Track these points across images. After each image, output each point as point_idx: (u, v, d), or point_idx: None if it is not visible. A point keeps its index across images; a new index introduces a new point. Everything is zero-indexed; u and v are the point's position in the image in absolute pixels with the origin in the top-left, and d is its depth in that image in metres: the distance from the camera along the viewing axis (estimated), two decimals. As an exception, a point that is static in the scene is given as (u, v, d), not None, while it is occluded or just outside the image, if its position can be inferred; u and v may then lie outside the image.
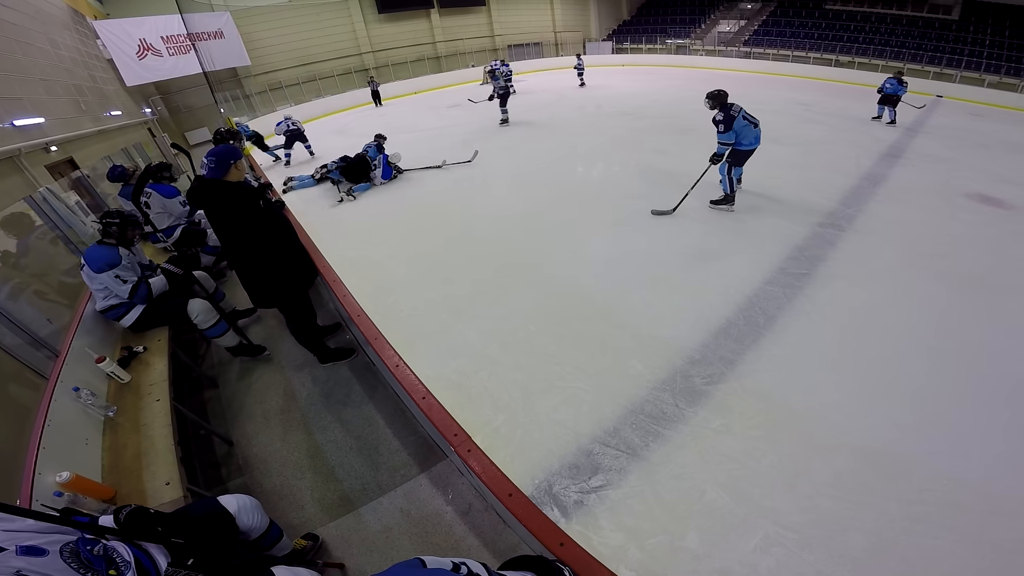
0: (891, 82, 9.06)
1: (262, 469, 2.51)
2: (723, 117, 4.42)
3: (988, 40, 15.59)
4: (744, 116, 4.46)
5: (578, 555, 1.30)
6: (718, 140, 4.54)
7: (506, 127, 9.69)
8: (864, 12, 18.54)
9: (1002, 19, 15.83)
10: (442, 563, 1.11)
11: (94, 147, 7.53)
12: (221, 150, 2.41)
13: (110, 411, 2.27)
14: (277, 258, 2.63)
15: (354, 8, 17.06)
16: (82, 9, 10.70)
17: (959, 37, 16.16)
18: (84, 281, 2.77)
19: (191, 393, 3.05)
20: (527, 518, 1.39)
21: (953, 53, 15.63)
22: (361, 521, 2.17)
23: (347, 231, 5.13)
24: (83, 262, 2.70)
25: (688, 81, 15.00)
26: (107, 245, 2.74)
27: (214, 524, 1.59)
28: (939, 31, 16.69)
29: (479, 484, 1.70)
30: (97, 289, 2.73)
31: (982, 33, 15.91)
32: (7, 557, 1.10)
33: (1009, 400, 2.54)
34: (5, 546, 1.12)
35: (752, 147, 4.54)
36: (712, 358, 2.85)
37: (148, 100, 13.24)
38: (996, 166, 6.49)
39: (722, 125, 4.44)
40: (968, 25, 16.39)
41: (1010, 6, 15.74)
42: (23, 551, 1.14)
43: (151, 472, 1.96)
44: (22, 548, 1.15)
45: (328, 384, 3.03)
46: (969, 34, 16.08)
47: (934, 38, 16.53)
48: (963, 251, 4.05)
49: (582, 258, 4.12)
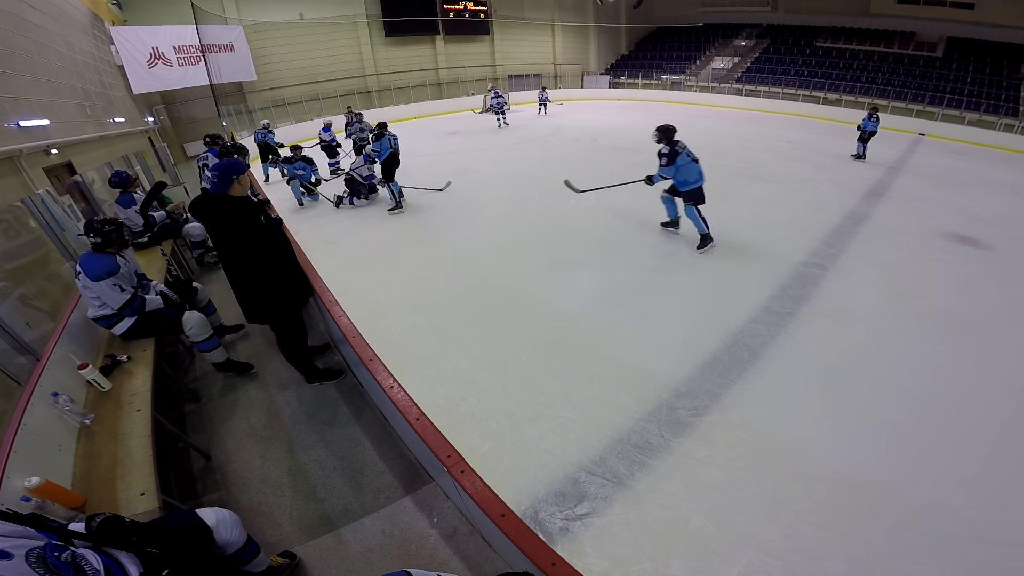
0: (864, 120, 9.46)
1: (240, 485, 2.45)
2: (668, 151, 4.66)
3: (969, 78, 16.08)
4: (687, 153, 4.68)
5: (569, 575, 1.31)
6: (658, 171, 4.78)
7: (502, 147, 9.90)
8: (852, 50, 19.33)
9: (983, 57, 16.51)
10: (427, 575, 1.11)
11: (94, 152, 7.56)
12: (225, 164, 2.44)
13: (87, 419, 2.22)
14: (274, 275, 2.63)
15: (362, 30, 17.56)
16: (102, 14, 10.92)
17: (942, 75, 16.69)
18: (77, 287, 2.75)
19: (171, 406, 2.99)
20: (520, 538, 1.40)
21: (935, 91, 16.14)
22: (341, 542, 2.13)
23: (338, 254, 5.19)
24: (79, 269, 2.67)
25: (682, 117, 15.53)
26: (104, 254, 2.73)
27: (191, 536, 1.56)
28: (923, 68, 17.24)
29: (470, 505, 1.69)
30: (91, 297, 2.70)
31: (964, 71, 16.45)
32: None
33: (986, 433, 2.63)
34: None
35: (699, 183, 4.75)
36: (697, 391, 2.91)
37: (152, 109, 13.35)
38: (975, 205, 6.77)
39: (665, 159, 4.66)
40: (951, 63, 16.99)
41: (991, 43, 16.50)
42: None
43: (126, 482, 1.92)
44: None
45: (314, 404, 3.00)
46: (952, 71, 16.64)
47: (918, 75, 17.08)
48: (940, 291, 4.20)
49: (572, 289, 4.20)
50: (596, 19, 23.95)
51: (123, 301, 2.73)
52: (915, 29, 18.27)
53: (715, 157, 9.37)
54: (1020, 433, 2.64)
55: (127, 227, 3.04)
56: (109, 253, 2.74)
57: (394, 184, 6.47)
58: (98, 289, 2.65)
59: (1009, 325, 3.72)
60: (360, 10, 17.24)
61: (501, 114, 14.28)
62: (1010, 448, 2.53)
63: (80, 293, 2.83)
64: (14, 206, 3.19)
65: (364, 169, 6.63)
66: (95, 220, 2.79)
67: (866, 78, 17.85)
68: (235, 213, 2.42)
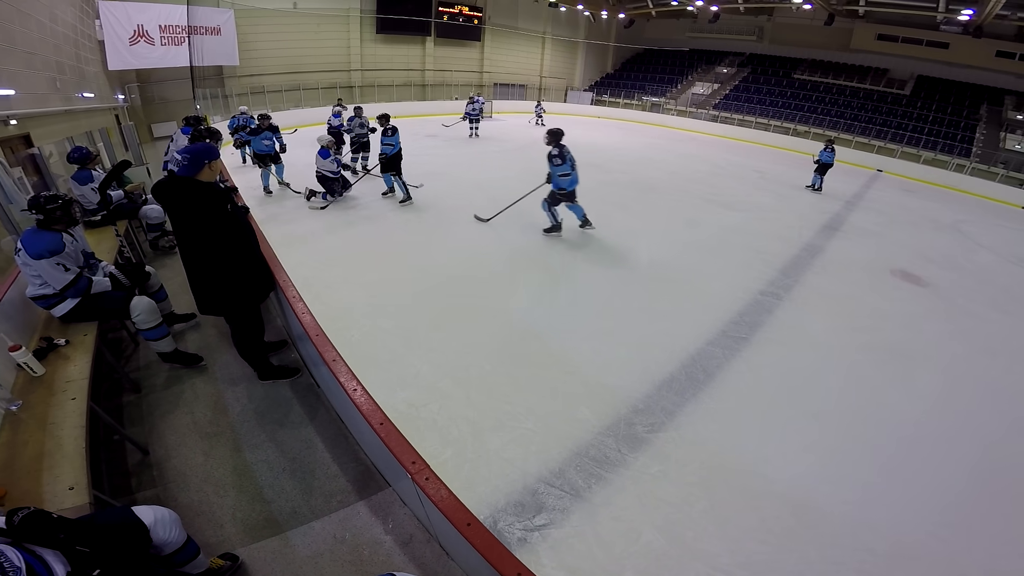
0: (823, 152, 10.00)
1: (180, 483, 2.33)
2: (558, 152, 5.26)
3: (931, 116, 16.83)
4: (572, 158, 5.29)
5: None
6: (556, 173, 5.33)
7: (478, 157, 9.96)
8: (827, 83, 20.14)
9: (947, 96, 17.48)
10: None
11: (55, 126, 7.18)
12: (197, 147, 2.35)
13: (13, 405, 2.07)
14: (236, 265, 2.54)
15: (354, 24, 17.30)
16: None
17: (906, 112, 17.39)
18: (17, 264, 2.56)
19: (108, 395, 2.81)
20: (485, 548, 1.39)
21: (898, 128, 16.96)
22: (288, 545, 2.05)
23: (302, 249, 5.06)
24: (19, 246, 2.49)
25: (660, 141, 16.03)
26: (49, 231, 2.56)
27: (125, 534, 1.49)
28: (890, 105, 17.94)
29: (432, 512, 1.67)
30: (32, 276, 2.52)
31: (927, 109, 17.23)
32: None
33: (915, 457, 2.82)
34: None
35: (569, 188, 5.39)
36: (654, 408, 2.99)
37: (124, 86, 12.74)
38: (920, 244, 7.26)
39: (557, 159, 5.26)
40: (916, 100, 17.74)
41: (957, 83, 17.55)
42: None
43: (53, 474, 1.80)
44: None
45: (265, 402, 2.89)
46: (916, 109, 17.36)
47: (884, 112, 17.72)
48: (884, 324, 4.46)
49: (539, 304, 4.24)
50: (587, 35, 24.49)
51: (66, 281, 2.57)
52: (889, 66, 19.24)
53: (688, 181, 9.75)
54: (946, 459, 2.83)
55: (78, 204, 2.87)
56: (54, 231, 2.58)
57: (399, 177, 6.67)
58: (39, 268, 2.48)
59: (946, 357, 4.00)
60: (355, 4, 17.01)
61: (475, 123, 13.35)
62: (936, 472, 2.71)
63: (19, 270, 2.64)
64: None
65: (330, 163, 6.46)
66: (40, 196, 2.61)
67: (835, 112, 18.67)
68: (201, 198, 2.33)
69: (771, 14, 21.23)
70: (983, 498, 2.58)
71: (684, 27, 24.37)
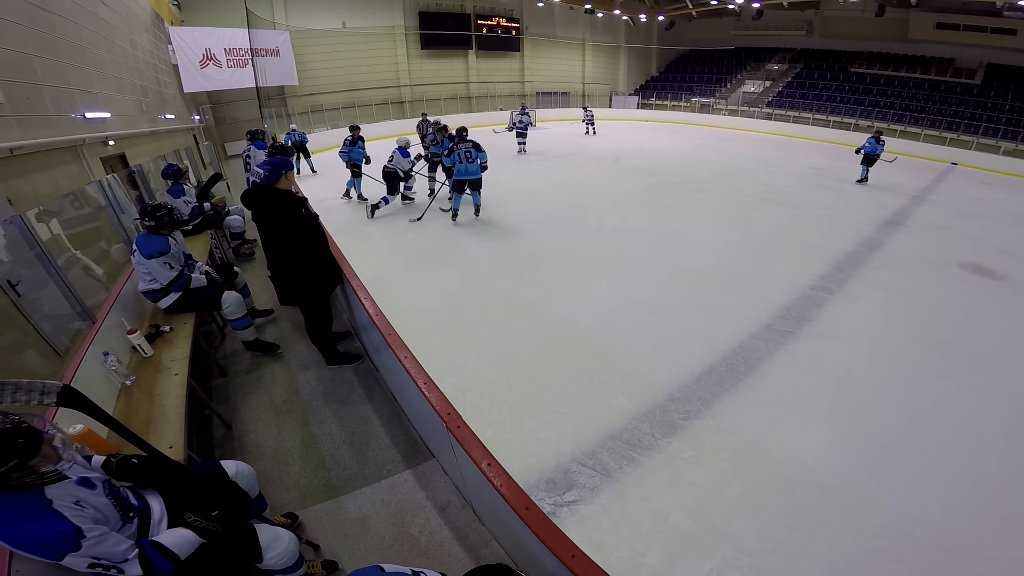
0: (870, 141, 9.41)
1: (255, 452, 2.67)
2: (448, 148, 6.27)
3: (1008, 105, 15.50)
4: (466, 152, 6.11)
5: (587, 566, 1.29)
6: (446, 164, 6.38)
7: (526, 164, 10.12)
8: (888, 76, 18.86)
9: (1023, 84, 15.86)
10: (401, 570, 1.20)
11: (145, 146, 8.09)
12: (276, 160, 2.78)
13: (128, 380, 2.48)
14: (310, 260, 2.94)
15: (399, 42, 18.30)
16: (164, 14, 11.74)
17: (979, 102, 16.14)
18: (132, 263, 3.07)
19: (201, 378, 3.26)
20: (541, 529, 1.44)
21: (972, 119, 15.61)
22: (341, 507, 2.31)
23: (366, 251, 5.49)
24: (134, 247, 3.00)
25: (710, 140, 15.61)
26: (158, 235, 3.05)
27: (211, 481, 1.77)
28: (960, 96, 16.71)
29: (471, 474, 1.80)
30: (143, 273, 3.02)
31: (1002, 98, 15.88)
32: (68, 486, 1.27)
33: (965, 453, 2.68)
34: (68, 475, 1.29)
35: (463, 178, 6.20)
36: (692, 397, 3.02)
37: (199, 107, 14.17)
38: (996, 236, 6.66)
39: (446, 153, 6.29)
40: (989, 90, 16.46)
41: None
42: (80, 482, 1.32)
43: (157, 436, 2.14)
44: (80, 479, 1.32)
45: (331, 384, 3.23)
46: (990, 99, 16.08)
47: (954, 103, 16.54)
48: (946, 318, 4.19)
49: (582, 300, 4.34)
50: (628, 40, 24.31)
51: (171, 277, 3.05)
52: (954, 55, 17.82)
53: (740, 181, 9.46)
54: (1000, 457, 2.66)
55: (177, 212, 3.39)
56: (161, 235, 3.07)
57: None
58: (150, 266, 2.97)
59: (1015, 353, 3.71)
60: (399, 22, 17.99)
61: (523, 138, 12.23)
62: (987, 470, 2.57)
63: (133, 268, 3.15)
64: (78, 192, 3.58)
65: (406, 163, 6.84)
66: (148, 205, 3.14)
67: (900, 105, 17.43)
68: (281, 203, 2.73)
69: (818, 7, 20.19)
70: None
71: (728, 26, 23.65)
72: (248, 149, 7.05)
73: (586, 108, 16.98)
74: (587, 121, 16.23)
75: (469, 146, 6.15)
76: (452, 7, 18.89)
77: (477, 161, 6.17)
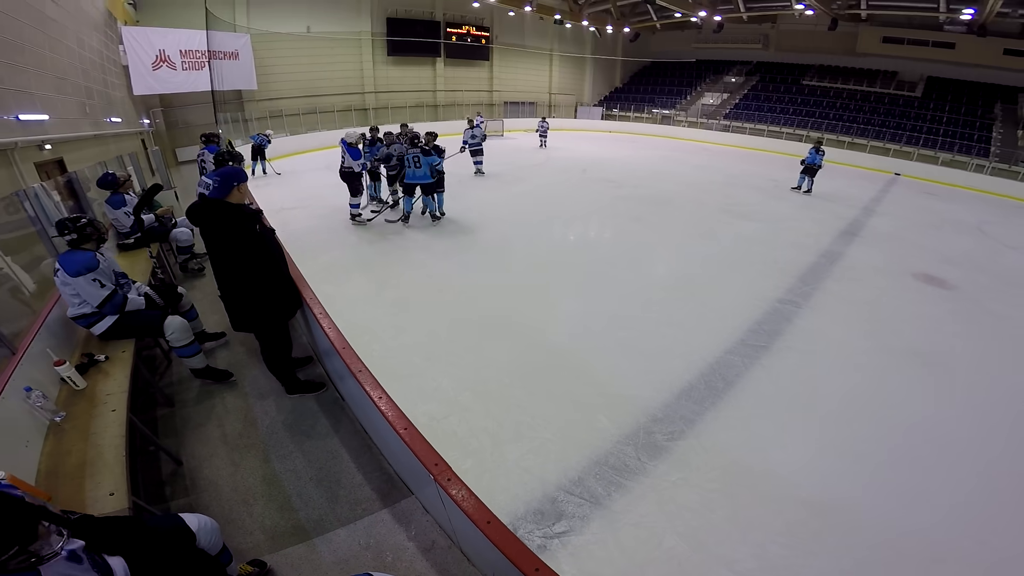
0: (811, 152, 9.94)
1: (211, 492, 2.41)
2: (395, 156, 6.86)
3: (945, 117, 16.69)
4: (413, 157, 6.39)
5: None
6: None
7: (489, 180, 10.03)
8: (837, 88, 20.03)
9: (960, 97, 17.25)
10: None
11: (87, 151, 7.48)
12: (227, 171, 2.48)
13: (58, 416, 2.18)
14: (265, 283, 2.65)
15: (366, 47, 17.87)
16: (117, 13, 10.90)
17: (919, 114, 17.27)
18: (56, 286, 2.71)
19: (144, 408, 2.93)
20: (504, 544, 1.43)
21: (913, 130, 16.72)
22: (315, 552, 2.10)
23: (326, 267, 5.20)
24: (57, 266, 2.64)
25: (674, 153, 16.07)
26: (83, 250, 2.71)
27: (175, 539, 1.56)
28: (903, 108, 17.84)
29: (454, 515, 1.71)
30: (70, 295, 2.67)
31: (940, 110, 17.09)
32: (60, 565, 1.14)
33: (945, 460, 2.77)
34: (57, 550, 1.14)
35: (412, 182, 6.57)
36: (674, 416, 2.99)
37: (149, 111, 13.31)
38: (943, 247, 7.12)
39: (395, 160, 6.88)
40: (929, 102, 17.64)
41: (968, 83, 17.32)
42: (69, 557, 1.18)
43: (94, 481, 1.89)
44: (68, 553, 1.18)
45: (293, 415, 2.98)
46: (929, 111, 17.22)
47: (897, 115, 17.64)
48: (906, 328, 4.39)
49: (555, 317, 4.26)
50: (594, 51, 24.87)
51: (103, 297, 2.70)
52: (897, 68, 19.13)
53: (704, 193, 9.76)
54: (976, 462, 2.76)
55: (112, 227, 3.04)
56: (85, 249, 2.73)
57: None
58: (77, 285, 2.62)
59: (973, 359, 3.92)
60: (366, 27, 17.61)
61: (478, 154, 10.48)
62: (967, 476, 2.65)
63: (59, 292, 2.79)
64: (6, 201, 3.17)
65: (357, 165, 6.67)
66: (67, 218, 2.76)
67: (847, 116, 18.48)
68: (232, 219, 2.45)
69: (775, 21, 21.29)
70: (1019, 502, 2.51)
71: (690, 38, 24.59)
72: (202, 153, 6.62)
73: (543, 119, 16.86)
74: (540, 133, 16.06)
75: (417, 151, 6.36)
76: (422, 14, 18.67)
77: (425, 166, 6.36)
